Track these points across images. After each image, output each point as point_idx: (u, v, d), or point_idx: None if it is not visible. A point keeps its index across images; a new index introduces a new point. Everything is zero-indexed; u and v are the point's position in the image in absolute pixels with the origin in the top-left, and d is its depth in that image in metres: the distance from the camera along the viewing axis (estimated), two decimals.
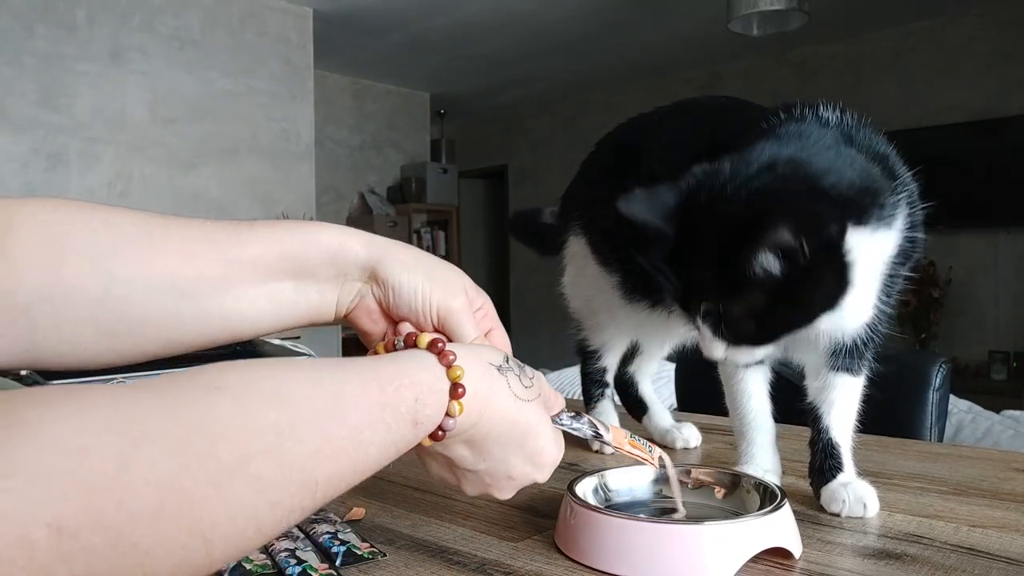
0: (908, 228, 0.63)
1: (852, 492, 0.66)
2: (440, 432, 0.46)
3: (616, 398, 0.99)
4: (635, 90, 6.48)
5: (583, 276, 0.93)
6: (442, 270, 0.54)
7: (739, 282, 0.56)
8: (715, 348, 0.58)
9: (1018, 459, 0.86)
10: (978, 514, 0.66)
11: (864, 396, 0.72)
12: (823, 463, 0.69)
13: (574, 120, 6.93)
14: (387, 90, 6.38)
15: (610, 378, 0.96)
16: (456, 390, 0.45)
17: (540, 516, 0.66)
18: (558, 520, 0.60)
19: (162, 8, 4.04)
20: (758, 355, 0.59)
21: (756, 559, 0.53)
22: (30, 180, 3.61)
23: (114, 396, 0.32)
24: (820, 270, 0.56)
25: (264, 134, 4.44)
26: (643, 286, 0.85)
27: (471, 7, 4.71)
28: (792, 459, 0.75)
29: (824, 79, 5.57)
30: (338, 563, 0.55)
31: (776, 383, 0.74)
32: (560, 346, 1.19)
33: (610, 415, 0.95)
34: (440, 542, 0.60)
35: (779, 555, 0.55)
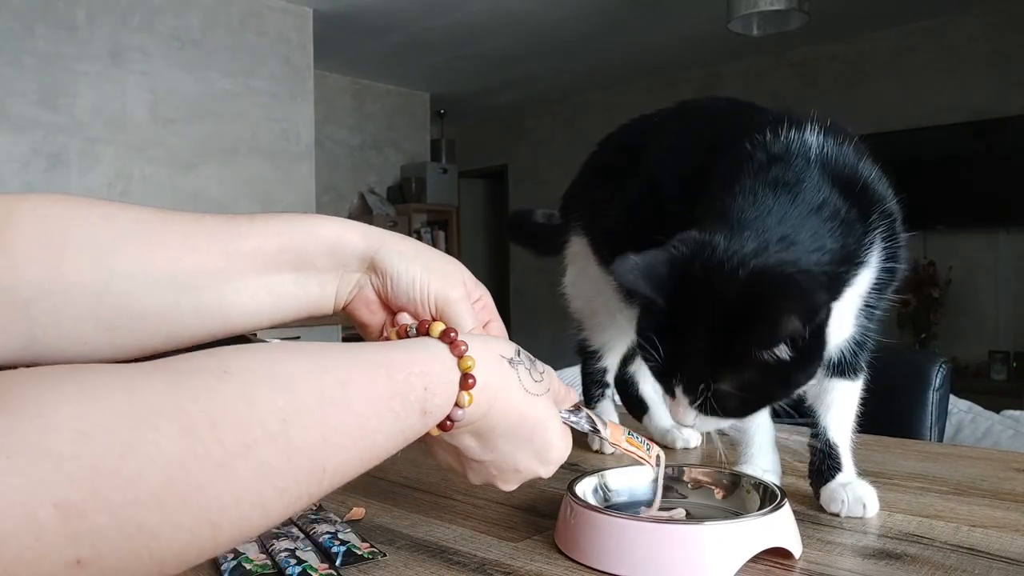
0: (885, 260, 0.64)
1: (851, 492, 0.66)
2: (449, 422, 0.46)
3: (617, 398, 0.99)
4: (635, 90, 6.48)
5: (584, 276, 0.93)
6: (440, 261, 0.55)
7: (737, 362, 0.55)
8: (687, 416, 0.59)
9: (1018, 459, 0.86)
10: (978, 514, 0.66)
11: (864, 396, 0.72)
12: (822, 463, 0.69)
13: (574, 120, 6.93)
14: (387, 90, 6.38)
15: (611, 378, 0.96)
16: (466, 380, 0.45)
17: (540, 516, 0.66)
18: (558, 520, 0.60)
19: (162, 8, 4.03)
20: (725, 424, 0.59)
21: (756, 559, 0.53)
22: (30, 180, 3.60)
23: (122, 378, 0.32)
24: (812, 346, 0.56)
25: (264, 134, 4.44)
26: None
27: (471, 7, 4.71)
28: (792, 459, 0.76)
29: (824, 79, 5.56)
30: (338, 563, 0.55)
31: None
32: (560, 346, 1.19)
33: (610, 415, 0.95)
34: (440, 542, 0.60)
35: (779, 555, 0.55)
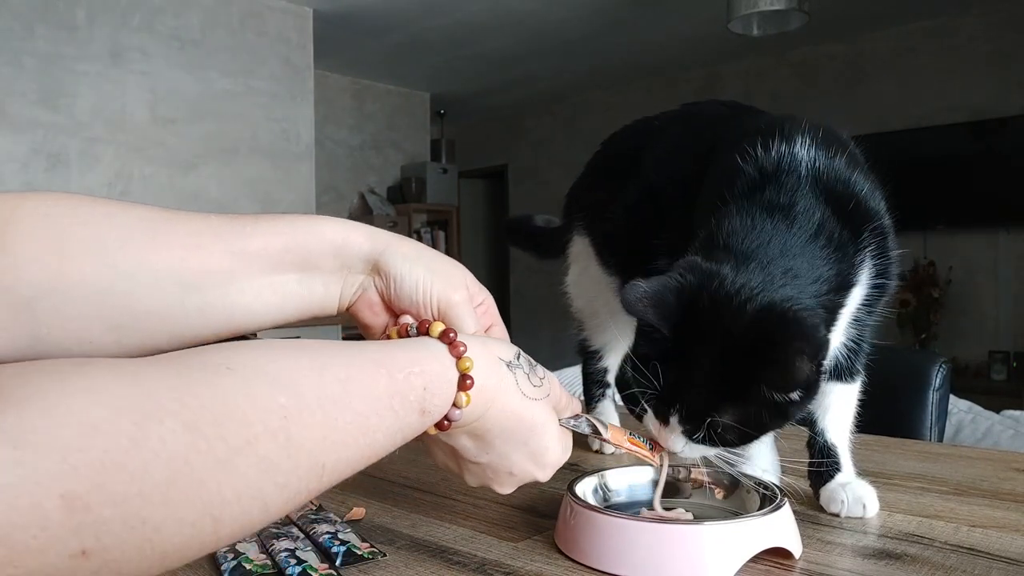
0: (875, 276, 0.64)
1: (851, 492, 0.66)
2: (446, 422, 0.46)
3: (617, 398, 0.99)
4: (635, 90, 6.48)
5: (586, 276, 0.93)
6: (444, 263, 0.55)
7: (743, 399, 0.55)
8: (677, 443, 0.59)
9: (1018, 459, 0.86)
10: (978, 514, 0.66)
11: (864, 396, 0.72)
12: (821, 464, 0.69)
13: (574, 120, 6.93)
14: (387, 90, 6.38)
15: (611, 378, 0.96)
16: (464, 381, 0.46)
17: (540, 516, 0.66)
18: (558, 520, 0.60)
19: (162, 8, 4.03)
20: (712, 452, 0.59)
21: (756, 559, 0.53)
22: (30, 180, 3.60)
23: (127, 373, 0.32)
24: (815, 382, 0.56)
25: (264, 134, 4.44)
26: None
27: (471, 7, 4.71)
28: (792, 459, 0.76)
29: (824, 79, 5.56)
30: (338, 563, 0.55)
31: None
32: (560, 346, 1.19)
33: (611, 415, 0.95)
34: (440, 542, 0.60)
35: (779, 555, 0.55)
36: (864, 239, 0.62)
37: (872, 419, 0.75)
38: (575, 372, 1.00)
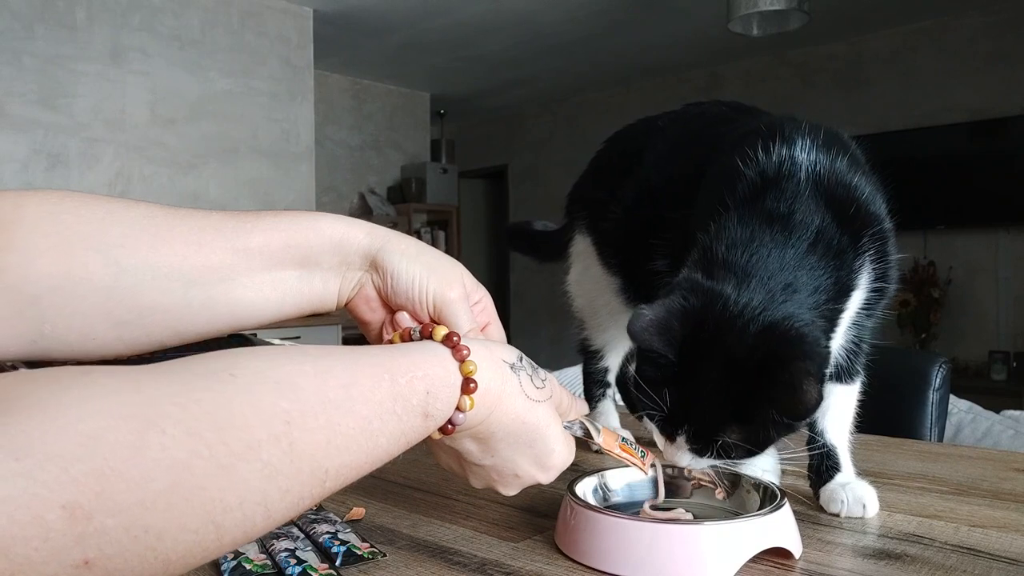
0: (874, 280, 0.64)
1: (851, 492, 0.66)
2: (450, 426, 0.46)
3: (618, 398, 0.99)
4: (635, 90, 6.48)
5: (587, 275, 0.93)
6: (441, 261, 0.55)
7: (751, 419, 0.56)
8: (683, 459, 0.59)
9: (1018, 459, 0.86)
10: (978, 514, 0.66)
11: (864, 396, 0.72)
12: (820, 464, 0.69)
13: (574, 120, 6.92)
14: (387, 90, 6.38)
15: (612, 378, 0.96)
16: (468, 385, 0.46)
17: (540, 516, 0.66)
18: (558, 520, 0.60)
19: (162, 8, 4.03)
20: (719, 463, 0.60)
21: (756, 559, 0.53)
22: (30, 180, 3.60)
23: (128, 381, 0.32)
24: (818, 397, 0.56)
25: (264, 134, 4.44)
26: (644, 293, 0.85)
27: (471, 8, 4.71)
28: (792, 459, 0.75)
29: (824, 79, 5.56)
30: (338, 563, 0.55)
31: None
32: (560, 346, 1.19)
33: (611, 415, 0.95)
34: (440, 542, 0.60)
35: (779, 555, 0.55)
36: (863, 244, 0.62)
37: (872, 419, 0.75)
38: (575, 372, 1.00)
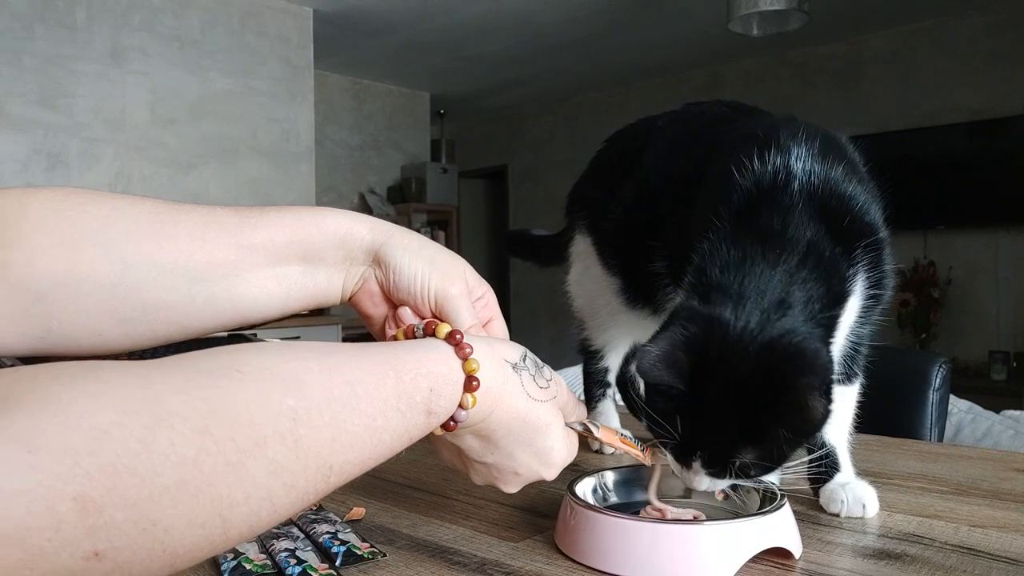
0: (869, 288, 0.64)
1: (851, 492, 0.66)
2: (452, 423, 0.46)
3: (618, 398, 0.99)
4: (635, 90, 6.48)
5: (587, 275, 0.93)
6: (444, 257, 0.55)
7: (763, 439, 0.56)
8: (701, 483, 0.59)
9: (1018, 459, 0.86)
10: (978, 514, 0.66)
11: (864, 396, 0.72)
12: (820, 464, 0.69)
13: (574, 120, 6.92)
14: (387, 90, 6.38)
15: (612, 378, 0.96)
16: (470, 383, 0.46)
17: (540, 516, 0.66)
18: (558, 520, 0.60)
19: (162, 8, 4.03)
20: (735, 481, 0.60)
21: (756, 559, 0.53)
22: (30, 180, 3.60)
23: (137, 376, 0.33)
24: (828, 409, 0.57)
25: (264, 134, 4.44)
26: (644, 294, 0.85)
27: (471, 7, 4.71)
28: (792, 460, 0.75)
29: (824, 79, 5.56)
30: (338, 563, 0.55)
31: None
32: (560, 346, 1.19)
33: (611, 415, 0.95)
34: (440, 542, 0.60)
35: (779, 555, 0.55)
36: (856, 255, 0.62)
37: (872, 419, 0.75)
38: (576, 372, 1.00)
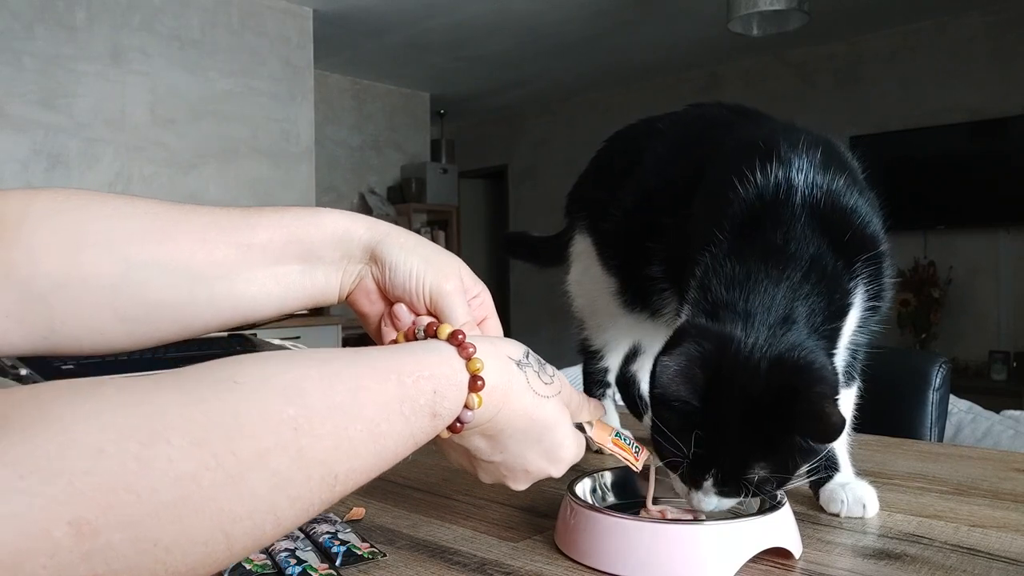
0: (868, 299, 0.64)
1: (851, 492, 0.66)
2: (459, 424, 0.46)
3: (618, 398, 0.99)
4: (635, 90, 6.47)
5: (587, 276, 0.93)
6: (439, 255, 0.55)
7: (777, 451, 0.56)
8: (709, 504, 0.58)
9: (1018, 459, 0.86)
10: (978, 514, 0.66)
11: (864, 396, 0.72)
12: (820, 464, 0.69)
13: (574, 120, 6.92)
14: (387, 90, 6.38)
15: (611, 378, 0.96)
16: (475, 383, 0.46)
17: (540, 516, 0.66)
18: (558, 520, 0.60)
19: (162, 8, 4.03)
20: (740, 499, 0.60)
21: (756, 559, 0.53)
22: (30, 180, 3.60)
23: (133, 392, 0.32)
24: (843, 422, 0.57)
25: (264, 134, 4.44)
26: (641, 297, 0.85)
27: (471, 8, 4.70)
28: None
29: (824, 79, 5.56)
30: (338, 563, 0.55)
31: None
32: (560, 346, 1.19)
33: (611, 415, 0.95)
34: (440, 542, 0.60)
35: (779, 555, 0.55)
36: (857, 268, 0.62)
37: (872, 419, 0.75)
38: (576, 372, 1.00)
